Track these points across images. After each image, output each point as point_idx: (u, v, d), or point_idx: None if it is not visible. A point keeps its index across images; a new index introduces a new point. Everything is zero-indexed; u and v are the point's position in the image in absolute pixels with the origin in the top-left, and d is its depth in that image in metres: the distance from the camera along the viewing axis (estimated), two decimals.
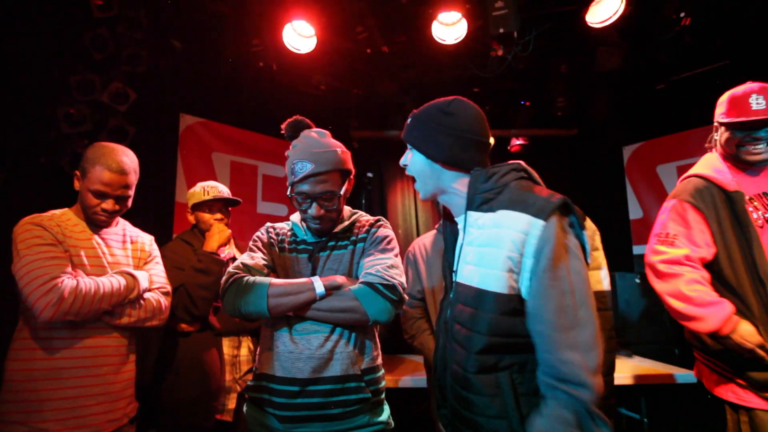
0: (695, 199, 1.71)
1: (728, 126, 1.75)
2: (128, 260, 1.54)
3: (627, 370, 2.68)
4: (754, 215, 1.66)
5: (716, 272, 1.66)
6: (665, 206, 1.83)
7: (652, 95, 4.00)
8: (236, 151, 3.64)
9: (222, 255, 1.92)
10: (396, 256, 1.24)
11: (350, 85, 3.83)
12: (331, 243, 1.27)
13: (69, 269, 1.33)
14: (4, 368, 1.31)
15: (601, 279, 1.73)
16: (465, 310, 1.00)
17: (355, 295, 1.11)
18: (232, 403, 1.88)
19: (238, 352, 1.96)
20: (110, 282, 1.37)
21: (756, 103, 1.68)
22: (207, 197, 1.95)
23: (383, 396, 1.24)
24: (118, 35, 2.89)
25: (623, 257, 4.13)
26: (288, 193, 1.24)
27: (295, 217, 1.34)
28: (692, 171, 1.84)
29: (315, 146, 1.23)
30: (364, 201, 4.23)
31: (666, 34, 2.68)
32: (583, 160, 4.67)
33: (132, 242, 1.59)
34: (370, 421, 1.16)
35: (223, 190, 2.02)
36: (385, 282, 1.13)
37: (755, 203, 1.71)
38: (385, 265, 1.16)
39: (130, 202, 1.54)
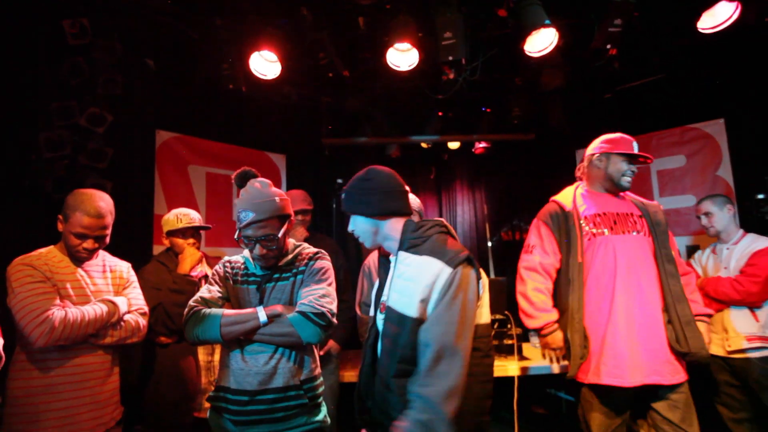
0: (547, 219, 2.31)
1: (627, 157, 2.17)
2: (108, 287, 1.79)
3: None
4: (585, 228, 2.21)
5: (562, 272, 2.25)
6: (531, 225, 2.42)
7: (602, 103, 4.31)
8: (211, 162, 3.85)
9: (194, 274, 2.18)
10: (329, 285, 1.52)
11: (320, 95, 4.04)
12: (276, 275, 1.54)
13: (57, 302, 1.59)
14: (5, 386, 1.58)
15: (483, 314, 2.02)
16: (391, 328, 1.28)
17: (291, 323, 1.39)
18: (207, 402, 2.17)
19: (212, 358, 2.24)
20: (93, 310, 1.63)
21: (636, 148, 2.21)
22: (180, 225, 2.20)
23: (320, 400, 1.53)
24: (93, 61, 3.07)
25: None
26: (235, 236, 1.51)
27: (247, 252, 1.61)
28: (552, 198, 2.45)
29: (257, 197, 1.49)
30: (334, 206, 4.48)
31: (597, 61, 2.98)
32: (541, 163, 4.99)
33: (111, 271, 1.84)
34: (308, 421, 1.46)
35: (194, 217, 2.27)
36: (316, 311, 1.41)
37: (594, 220, 2.21)
38: (317, 294, 1.45)
39: (107, 240, 1.79)
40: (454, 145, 4.74)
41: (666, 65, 3.72)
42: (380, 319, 1.38)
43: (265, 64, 3.05)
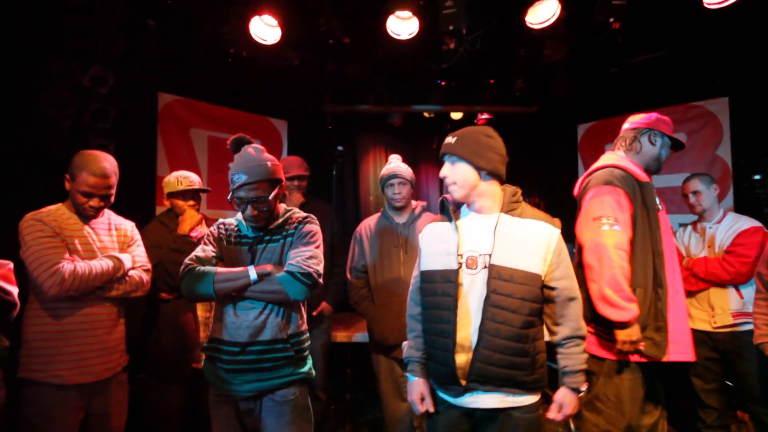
0: (627, 188, 1.91)
1: (672, 142, 2.09)
2: (114, 245, 1.90)
3: None
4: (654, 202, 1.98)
5: (638, 248, 1.91)
6: (599, 191, 1.92)
7: (606, 78, 4.26)
8: (213, 126, 3.90)
9: (194, 235, 2.29)
10: (317, 248, 1.62)
11: (322, 62, 4.02)
12: (267, 237, 1.64)
13: (66, 255, 1.70)
14: (21, 331, 1.72)
15: None
16: (508, 285, 1.42)
17: (280, 281, 1.50)
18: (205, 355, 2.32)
19: (210, 315, 2.38)
20: (100, 265, 1.75)
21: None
22: (180, 187, 2.29)
23: (306, 353, 1.66)
24: (94, 22, 3.08)
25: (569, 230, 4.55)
26: (228, 198, 1.60)
27: (240, 215, 1.70)
28: (608, 162, 2.04)
29: (250, 161, 1.57)
30: (335, 173, 4.55)
31: (600, 35, 2.95)
32: (542, 135, 4.99)
33: (116, 229, 1.95)
34: (293, 372, 1.59)
35: (194, 180, 2.35)
36: (303, 271, 1.51)
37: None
38: (305, 256, 1.55)
39: (112, 199, 1.89)
40: (456, 115, 4.74)
41: (672, 41, 3.66)
42: (471, 274, 1.46)
43: (266, 29, 3.05)
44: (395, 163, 2.51)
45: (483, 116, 4.71)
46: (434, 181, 5.24)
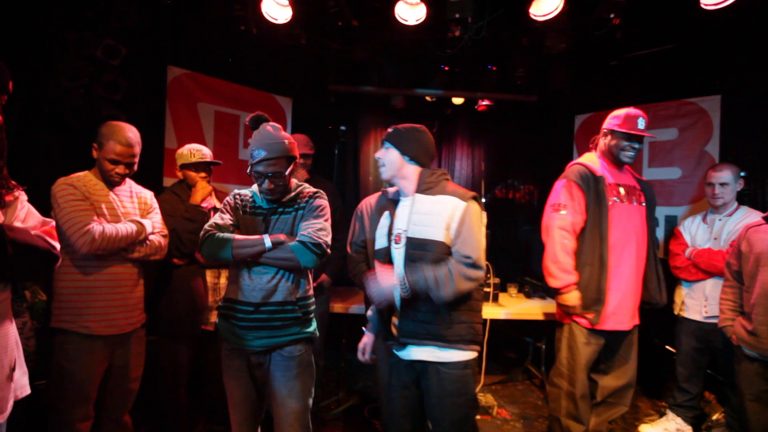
0: (579, 180, 2.40)
1: (623, 135, 2.37)
2: (136, 211, 2.05)
3: (539, 308, 3.35)
4: (610, 196, 2.37)
5: (587, 232, 2.39)
6: (558, 184, 2.49)
7: (605, 71, 4.37)
8: (220, 101, 3.99)
9: (204, 205, 2.43)
10: (326, 221, 1.76)
11: (329, 42, 4.09)
12: (280, 209, 1.78)
13: (95, 218, 1.84)
14: (53, 285, 1.87)
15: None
16: (416, 253, 1.68)
17: (292, 249, 1.65)
18: (213, 318, 2.48)
19: (218, 281, 2.53)
20: (125, 228, 1.90)
21: (641, 125, 2.33)
22: (193, 159, 2.42)
23: (312, 315, 1.82)
24: None
25: None
26: (248, 171, 1.73)
27: (255, 187, 1.84)
28: (578, 160, 2.56)
29: (268, 138, 1.70)
30: (336, 152, 4.65)
31: (600, 30, 3.06)
32: (541, 124, 5.11)
33: (137, 197, 2.09)
34: (300, 331, 1.75)
35: (206, 153, 2.48)
36: (313, 241, 1.66)
37: (614, 188, 2.39)
38: (315, 228, 1.70)
39: (136, 167, 2.03)
40: (458, 100, 4.84)
41: (670, 38, 3.76)
42: (397, 248, 1.76)
43: (277, 8, 3.12)
44: None
45: (484, 102, 4.81)
46: (433, 165, 5.36)
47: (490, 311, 3.27)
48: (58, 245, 1.29)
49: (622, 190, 2.41)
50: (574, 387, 2.40)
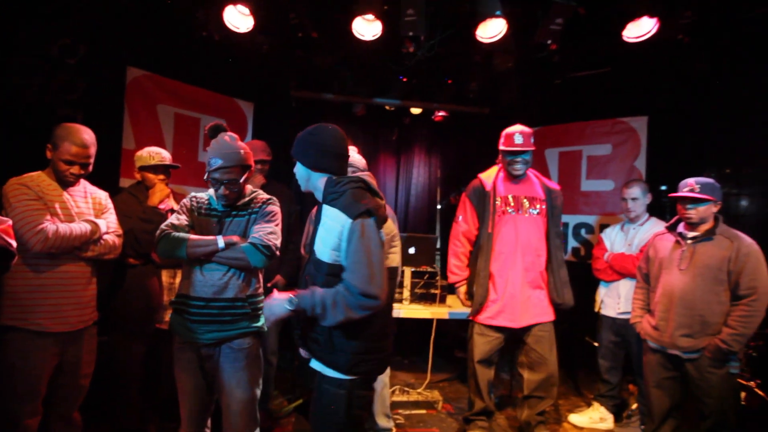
0: (471, 195, 2.90)
1: (505, 152, 2.77)
2: (90, 211, 2.10)
3: None
4: (498, 206, 2.79)
5: (478, 239, 2.85)
6: (461, 198, 3.00)
7: (551, 88, 4.71)
8: (180, 104, 4.02)
9: (162, 207, 2.50)
10: (276, 225, 1.90)
11: (291, 49, 4.21)
12: (234, 213, 1.90)
13: (48, 217, 1.90)
14: (4, 283, 1.90)
15: (393, 258, 2.48)
16: (311, 271, 1.62)
17: (243, 250, 1.78)
18: (168, 316, 2.51)
19: (174, 280, 2.61)
20: (79, 227, 1.96)
21: (515, 139, 2.61)
22: (152, 162, 2.49)
23: (260, 312, 1.93)
24: None
25: None
26: (204, 177, 1.85)
27: (212, 191, 1.95)
28: (478, 175, 3.01)
29: (225, 148, 1.82)
30: None
31: (540, 53, 3.35)
32: (492, 136, 5.38)
33: (92, 197, 2.15)
34: (249, 325, 1.88)
35: (165, 156, 2.55)
36: (264, 243, 1.80)
37: (505, 200, 2.80)
38: (266, 231, 1.83)
39: (90, 168, 2.08)
40: (415, 110, 5.07)
41: (606, 62, 4.14)
42: (309, 262, 1.68)
43: (239, 17, 3.23)
44: (350, 154, 2.80)
45: (440, 113, 5.07)
46: (391, 171, 5.57)
47: (436, 311, 3.48)
48: (14, 243, 1.37)
49: (512, 202, 2.77)
50: (475, 371, 2.87)
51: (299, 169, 1.69)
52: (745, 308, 2.14)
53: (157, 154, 2.52)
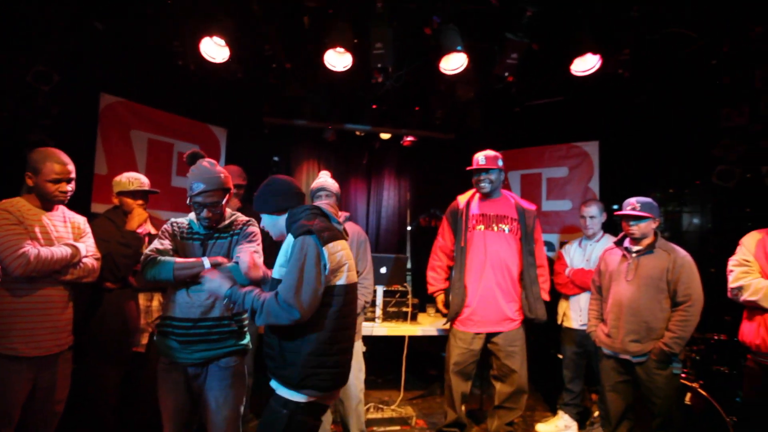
0: (448, 214, 3.15)
1: (470, 172, 3.04)
2: (69, 235, 2.15)
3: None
4: (470, 223, 3.02)
5: (454, 251, 3.11)
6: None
7: (511, 115, 5.05)
8: (154, 129, 4.07)
9: (140, 231, 2.55)
10: (258, 245, 2.01)
11: (264, 75, 4.35)
12: (216, 235, 2.00)
13: (29, 242, 1.94)
14: None
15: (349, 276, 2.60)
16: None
17: (230, 270, 1.87)
18: (144, 340, 2.58)
19: (150, 303, 2.64)
20: (60, 251, 2.00)
21: (479, 160, 2.95)
22: (131, 187, 2.55)
23: (246, 329, 2.03)
24: (42, 19, 3.20)
25: None
26: (187, 202, 1.95)
27: (192, 216, 2.04)
28: (457, 196, 3.25)
29: (206, 173, 1.93)
30: None
31: (498, 85, 3.64)
32: (458, 160, 5.68)
33: (71, 222, 2.19)
34: (236, 343, 1.96)
35: (144, 181, 2.62)
36: None
37: (476, 218, 3.04)
38: (249, 251, 1.94)
39: (74, 185, 2.14)
40: (385, 135, 5.29)
41: (560, 91, 4.50)
42: None
43: (215, 48, 3.36)
44: (324, 178, 2.96)
45: (408, 138, 5.31)
46: (362, 194, 5.74)
47: (408, 329, 3.61)
48: None
49: (483, 219, 3.04)
50: (451, 383, 3.04)
51: (266, 219, 1.85)
52: (682, 314, 2.39)
53: (136, 179, 2.59)
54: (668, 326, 2.42)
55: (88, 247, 2.19)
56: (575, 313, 3.33)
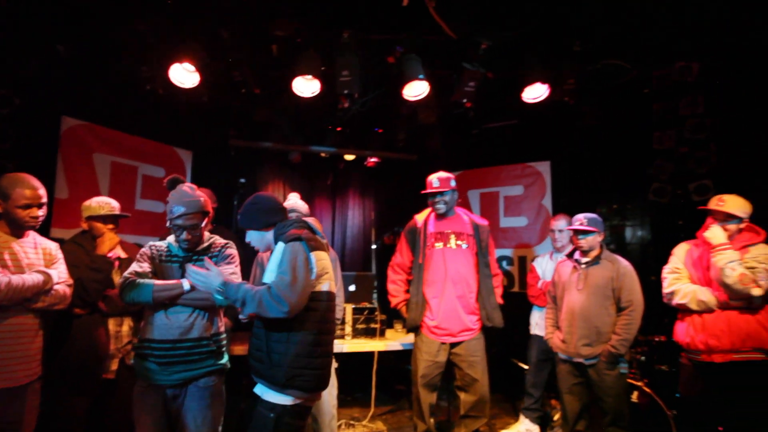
0: (406, 232, 3.35)
1: (426, 195, 3.23)
2: (40, 261, 2.13)
3: None
4: (428, 241, 3.20)
5: (412, 267, 3.28)
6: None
7: (470, 137, 5.34)
8: (118, 152, 4.04)
9: (110, 255, 2.55)
10: (236, 266, 2.09)
11: (231, 99, 4.42)
12: (195, 257, 2.06)
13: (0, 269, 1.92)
14: None
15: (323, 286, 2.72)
16: None
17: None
18: (114, 366, 2.54)
19: (120, 329, 2.61)
20: (32, 278, 1.99)
21: (433, 183, 3.12)
22: (102, 211, 2.55)
23: (224, 349, 2.08)
24: (4, 40, 3.16)
25: None
26: (168, 224, 2.01)
27: (170, 239, 2.10)
28: (414, 215, 3.43)
29: (186, 196, 2.00)
30: (236, 202, 4.88)
31: (457, 110, 3.91)
32: (421, 180, 5.90)
33: (42, 248, 2.18)
34: (215, 363, 2.01)
35: (115, 206, 2.63)
36: None
37: (434, 235, 3.22)
38: (228, 272, 2.01)
39: (45, 209, 2.14)
40: (349, 157, 5.45)
41: (514, 115, 4.84)
42: None
43: (185, 74, 3.43)
44: (294, 200, 3.07)
45: (372, 159, 5.50)
46: (327, 214, 5.85)
47: (376, 345, 3.73)
48: None
49: (440, 237, 3.22)
50: (418, 395, 3.13)
51: (253, 235, 1.99)
52: (626, 318, 2.65)
53: (106, 204, 2.59)
54: (615, 330, 2.67)
55: (60, 273, 2.18)
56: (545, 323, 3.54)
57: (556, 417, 3.63)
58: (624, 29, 3.46)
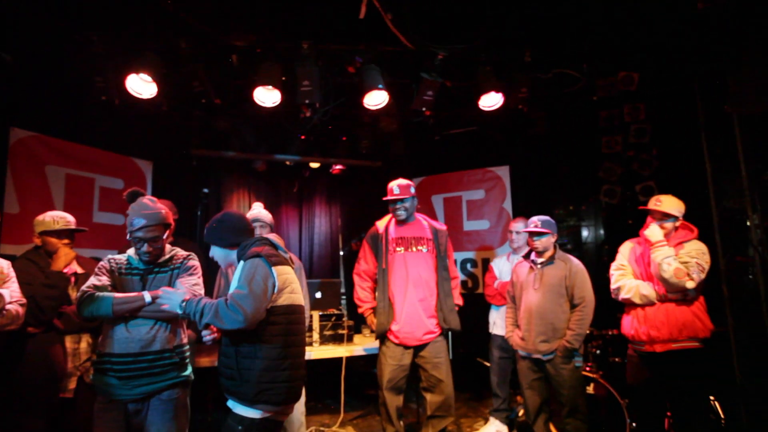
0: (368, 239, 3.41)
1: (386, 201, 3.30)
2: None
3: None
4: (390, 247, 3.27)
5: (377, 273, 3.31)
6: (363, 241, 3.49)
7: (432, 144, 5.47)
8: (72, 164, 3.91)
9: (66, 271, 2.49)
10: (199, 278, 2.09)
11: (191, 109, 4.38)
12: (156, 269, 2.06)
13: None
14: None
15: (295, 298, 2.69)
16: None
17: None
18: (72, 384, 2.48)
19: (78, 346, 2.54)
20: None
21: (394, 190, 3.23)
22: (56, 226, 2.48)
23: (187, 360, 2.08)
24: None
25: None
26: (128, 237, 1.99)
27: (131, 252, 2.08)
28: (376, 221, 3.49)
29: (146, 209, 2.00)
30: (199, 213, 4.82)
31: (416, 118, 4.02)
32: (385, 186, 6.01)
33: None
34: (178, 375, 2.00)
35: (70, 220, 2.56)
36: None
37: (395, 241, 3.29)
38: (191, 283, 2.02)
39: None
40: (314, 164, 5.48)
41: (474, 122, 5.00)
42: None
43: (142, 84, 3.38)
44: (257, 210, 3.08)
45: (337, 167, 5.55)
46: (294, 221, 5.84)
47: (345, 350, 3.76)
48: None
49: (402, 242, 3.31)
50: (385, 399, 3.18)
51: (217, 251, 2.03)
52: (578, 314, 2.81)
53: (61, 218, 2.53)
54: (569, 325, 2.82)
55: (12, 292, 2.12)
56: (503, 321, 3.65)
57: (521, 413, 3.77)
58: (572, 40, 3.67)
